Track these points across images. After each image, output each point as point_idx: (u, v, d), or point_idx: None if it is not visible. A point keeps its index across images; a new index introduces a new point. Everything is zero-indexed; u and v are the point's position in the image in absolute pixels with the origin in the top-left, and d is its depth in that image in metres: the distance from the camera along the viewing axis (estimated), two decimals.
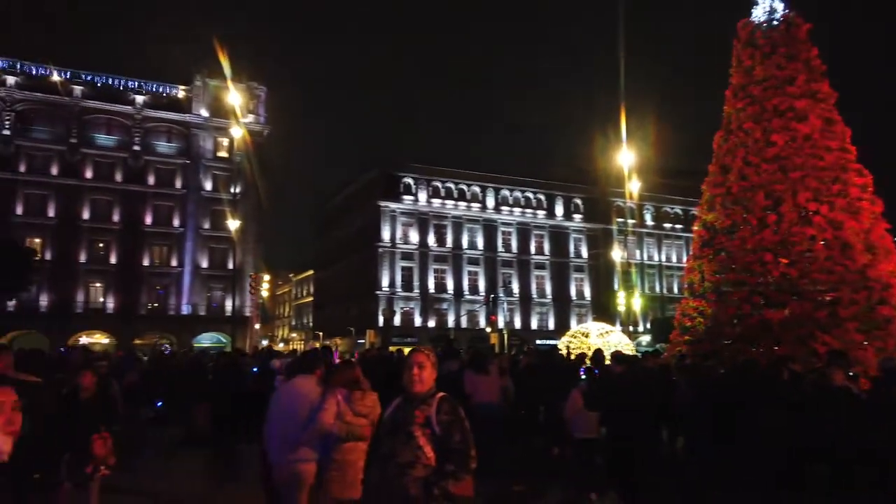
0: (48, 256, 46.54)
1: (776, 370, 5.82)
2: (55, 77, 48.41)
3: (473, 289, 58.13)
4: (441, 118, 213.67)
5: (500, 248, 60.08)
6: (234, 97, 41.48)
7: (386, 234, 55.90)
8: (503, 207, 60.98)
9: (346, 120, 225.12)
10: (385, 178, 56.55)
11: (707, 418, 6.47)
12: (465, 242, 58.74)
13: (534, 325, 60.05)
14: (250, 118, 52.91)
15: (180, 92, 52.92)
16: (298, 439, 4.84)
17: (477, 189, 60.08)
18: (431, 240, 57.48)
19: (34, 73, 48.71)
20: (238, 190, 43.27)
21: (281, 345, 70.08)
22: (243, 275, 46.39)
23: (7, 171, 46.47)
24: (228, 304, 46.80)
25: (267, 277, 63.02)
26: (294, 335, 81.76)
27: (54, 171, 48.15)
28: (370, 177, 58.46)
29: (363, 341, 49.73)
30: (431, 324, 55.51)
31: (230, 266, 46.65)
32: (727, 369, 9.07)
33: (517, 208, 61.66)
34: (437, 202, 58.22)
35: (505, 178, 61.56)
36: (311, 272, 77.83)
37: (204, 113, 52.48)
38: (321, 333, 61.19)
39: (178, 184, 51.54)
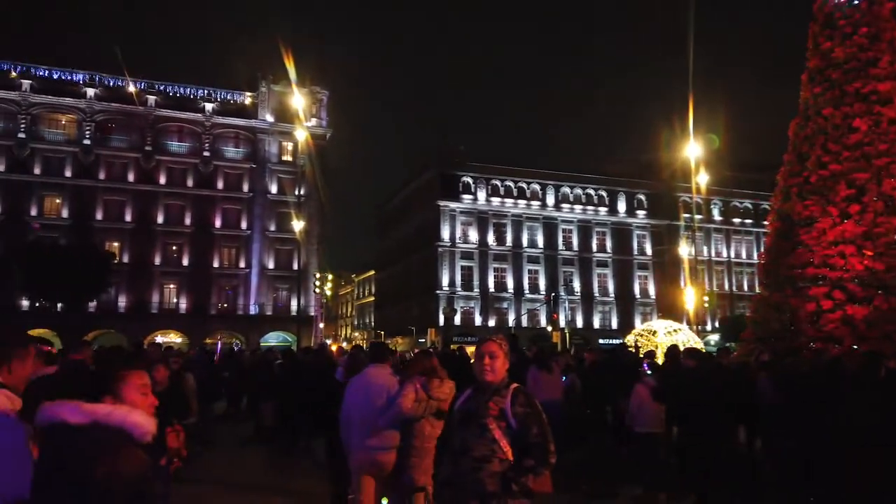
0: (125, 259, 48.84)
1: (872, 367, 5.43)
2: (130, 88, 50.77)
3: (534, 287, 57.56)
4: (496, 116, 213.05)
5: (560, 245, 59.27)
6: (298, 102, 42.44)
7: (445, 234, 56.04)
8: (563, 205, 60.08)
9: (402, 120, 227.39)
10: (443, 178, 56.67)
11: (792, 417, 6.12)
12: (524, 241, 58.24)
13: (596, 324, 58.98)
14: (313, 122, 54.10)
15: (247, 98, 54.60)
16: (377, 426, 4.91)
17: (536, 186, 59.43)
18: (491, 238, 57.26)
19: (111, 84, 51.24)
20: (302, 192, 44.19)
21: (344, 344, 71.32)
22: (307, 275, 47.45)
23: (88, 179, 49.11)
24: (293, 304, 47.95)
25: (330, 277, 64.30)
26: (356, 334, 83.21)
27: (131, 177, 50.53)
28: (428, 177, 58.72)
29: (423, 340, 50.02)
30: (492, 323, 55.29)
31: (295, 267, 47.76)
32: (811, 367, 8.61)
33: (578, 205, 60.64)
34: (496, 200, 57.94)
35: (565, 174, 60.63)
36: (372, 272, 78.91)
37: (269, 118, 53.98)
38: (382, 332, 61.92)
39: (245, 187, 53.19)
